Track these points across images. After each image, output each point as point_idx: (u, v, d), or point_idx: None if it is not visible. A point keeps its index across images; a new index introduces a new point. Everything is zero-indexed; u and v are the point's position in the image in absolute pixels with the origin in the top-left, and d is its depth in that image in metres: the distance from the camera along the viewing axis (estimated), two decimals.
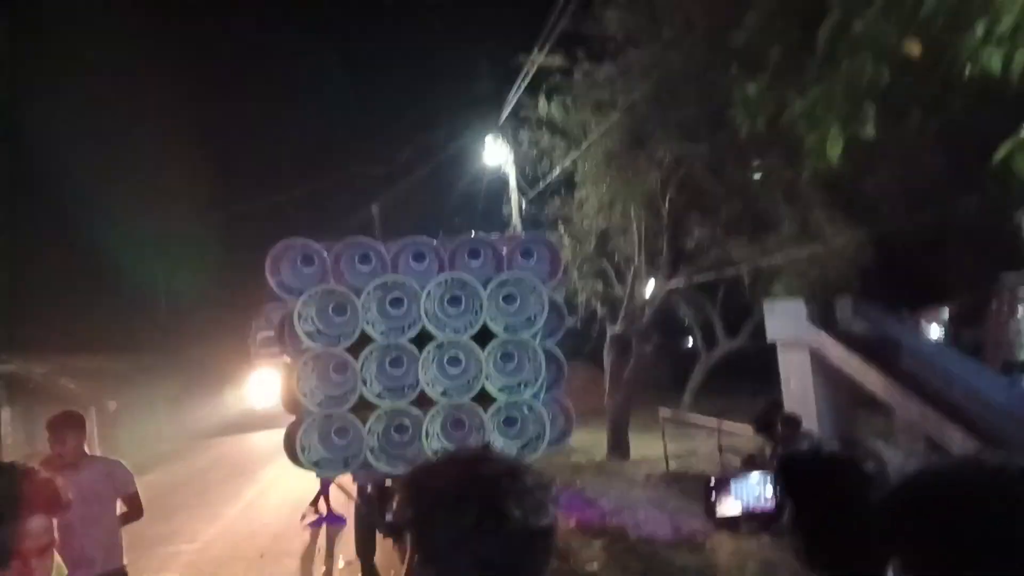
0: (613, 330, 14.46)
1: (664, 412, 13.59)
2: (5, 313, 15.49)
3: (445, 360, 5.29)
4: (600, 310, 14.94)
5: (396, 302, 5.28)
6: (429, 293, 5.13)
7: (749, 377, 16.92)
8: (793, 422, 7.14)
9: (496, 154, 14.78)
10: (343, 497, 10.15)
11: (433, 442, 5.12)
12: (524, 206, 14.73)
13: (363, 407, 5.17)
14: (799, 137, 5.06)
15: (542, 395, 5.53)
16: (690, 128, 10.81)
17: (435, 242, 5.58)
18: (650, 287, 14.46)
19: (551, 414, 5.83)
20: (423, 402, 5.21)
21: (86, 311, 17.16)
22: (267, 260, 5.32)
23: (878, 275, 15.25)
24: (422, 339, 5.19)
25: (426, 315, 5.12)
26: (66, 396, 17.38)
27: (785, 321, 11.30)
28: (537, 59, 11.36)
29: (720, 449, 10.82)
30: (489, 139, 14.53)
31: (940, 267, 14.81)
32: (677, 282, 13.77)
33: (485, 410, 5.16)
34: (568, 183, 13.30)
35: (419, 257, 5.53)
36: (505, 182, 15.06)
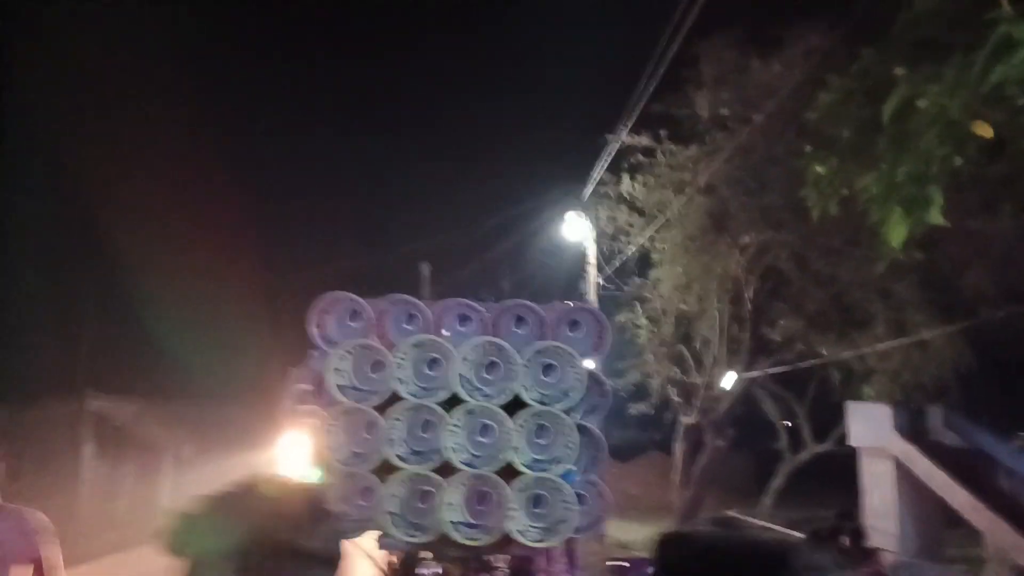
0: (686, 420, 13.93)
1: (732, 514, 12.86)
2: (96, 354, 16.32)
3: (475, 428, 5.15)
4: (675, 398, 14.45)
5: (433, 363, 5.20)
6: (465, 356, 5.04)
7: (839, 484, 15.92)
8: (858, 535, 6.55)
9: (576, 229, 14.78)
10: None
11: (452, 514, 4.93)
12: (601, 284, 14.59)
13: (386, 470, 5.07)
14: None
15: (576, 476, 5.30)
16: (775, 215, 10.53)
17: (479, 305, 5.54)
18: (729, 378, 13.92)
19: (585, 497, 5.58)
20: (450, 471, 5.06)
21: (166, 358, 17.84)
22: (310, 311, 5.38)
23: (984, 386, 14.20)
24: (454, 404, 5.08)
25: (459, 379, 5.02)
26: (147, 439, 17.91)
27: (869, 426, 10.58)
28: (619, 136, 11.41)
29: None
30: (570, 215, 14.57)
31: None
32: (757, 374, 13.20)
33: (510, 485, 4.95)
34: (647, 263, 13.14)
35: (464, 320, 5.49)
36: (584, 259, 15.00)
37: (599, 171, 12.67)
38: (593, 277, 14.89)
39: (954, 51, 3.72)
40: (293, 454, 5.20)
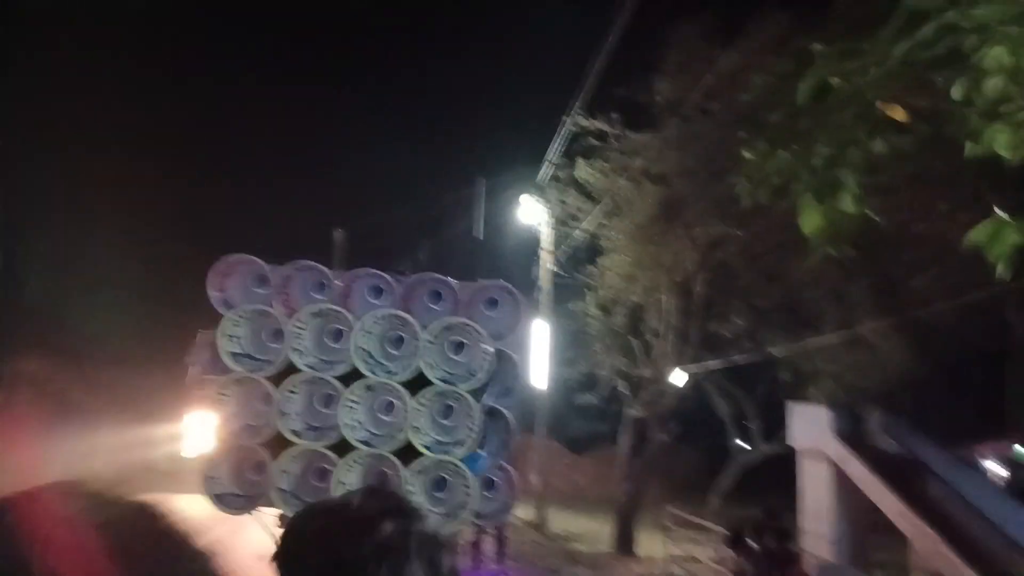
0: (632, 412, 13.84)
1: (672, 511, 12.81)
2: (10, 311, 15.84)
3: (376, 405, 4.95)
4: (622, 390, 14.36)
5: (337, 335, 4.98)
6: (364, 327, 4.82)
7: (788, 485, 15.94)
8: (782, 534, 6.48)
9: (531, 213, 14.61)
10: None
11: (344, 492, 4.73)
12: (554, 270, 14.45)
13: (282, 445, 4.85)
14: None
15: (483, 460, 5.13)
16: (727, 208, 10.41)
17: (393, 278, 5.33)
18: (678, 374, 13.85)
19: (491, 482, 5.40)
20: (348, 449, 4.85)
21: (82, 319, 17.14)
22: (211, 273, 5.12)
23: (935, 393, 14.28)
24: (355, 379, 4.87)
25: (358, 352, 4.81)
26: (58, 400, 16.87)
27: (808, 427, 10.55)
28: (572, 116, 11.23)
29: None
30: (525, 197, 14.40)
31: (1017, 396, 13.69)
32: (701, 369, 13.14)
33: (409, 466, 4.76)
34: (597, 251, 12.98)
35: (377, 292, 5.26)
36: (536, 243, 14.85)
37: (554, 153, 12.53)
38: (546, 262, 14.75)
39: (870, 28, 3.57)
40: (197, 432, 4.92)
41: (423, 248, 5.59)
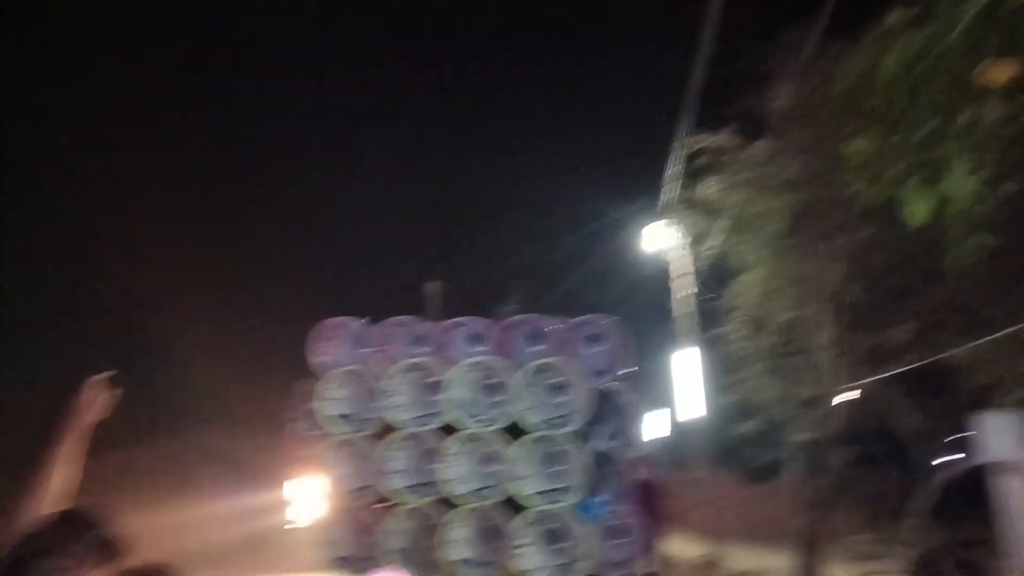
0: (799, 437, 12.90)
1: (857, 539, 11.73)
2: None
3: (478, 457, 4.82)
4: (785, 414, 13.44)
5: (433, 388, 4.92)
6: (457, 378, 4.74)
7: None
8: (969, 565, 5.69)
9: (656, 241, 14.16)
10: None
11: (458, 551, 4.61)
12: (689, 296, 13.88)
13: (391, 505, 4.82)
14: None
15: (599, 507, 4.86)
16: (870, 209, 9.54)
17: (487, 323, 5.23)
18: (846, 391, 12.80)
19: (616, 530, 5.10)
20: (455, 505, 4.75)
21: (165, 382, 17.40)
22: (311, 338, 5.24)
23: None
24: (454, 432, 4.78)
25: (452, 403, 4.72)
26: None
27: (998, 439, 9.27)
28: (682, 137, 10.81)
29: None
30: (651, 226, 13.98)
31: None
32: (870, 382, 12.02)
33: (517, 518, 4.57)
34: (731, 272, 12.31)
35: (474, 340, 5.18)
36: (668, 273, 14.35)
37: (672, 177, 12.10)
38: (681, 290, 14.20)
39: None
40: (302, 498, 4.96)
41: (520, 290, 5.49)
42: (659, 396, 19.76)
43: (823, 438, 12.86)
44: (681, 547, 15.63)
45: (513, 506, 4.62)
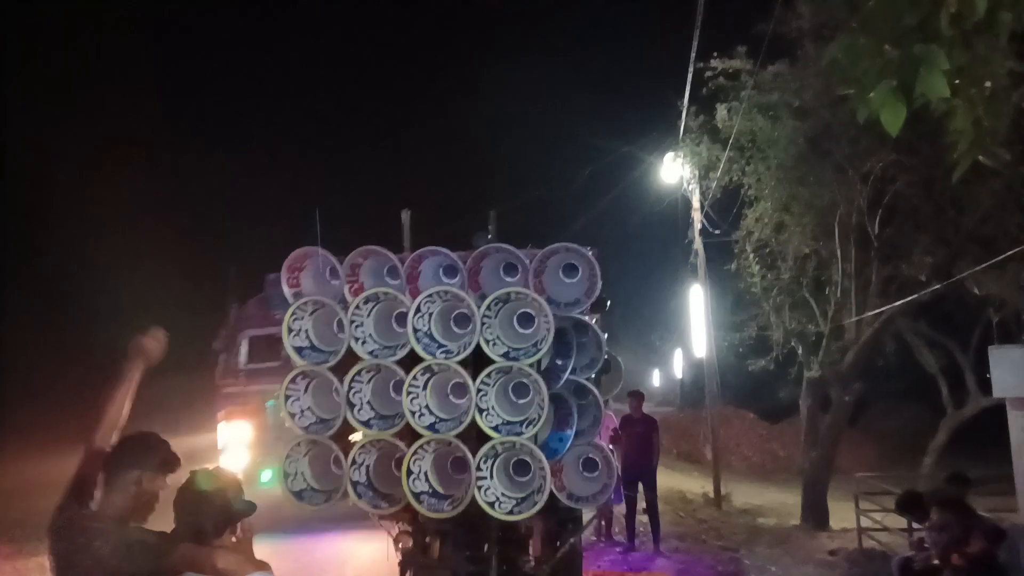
0: (810, 374, 12.70)
1: (865, 477, 11.59)
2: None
3: (442, 389, 4.71)
4: (798, 350, 13.22)
5: (401, 320, 4.79)
6: (419, 308, 4.60)
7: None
8: (954, 505, 5.55)
9: (673, 172, 13.76)
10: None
11: (417, 483, 4.54)
12: (704, 228, 13.55)
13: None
14: None
15: (567, 439, 4.75)
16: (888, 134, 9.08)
17: (461, 255, 5.06)
18: (861, 325, 12.51)
19: (589, 463, 5.00)
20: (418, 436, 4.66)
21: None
22: (283, 269, 5.12)
23: None
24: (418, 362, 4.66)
25: (415, 334, 4.59)
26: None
27: (1014, 373, 9.04)
28: (693, 62, 10.33)
29: (910, 528, 8.84)
30: (668, 156, 13.56)
31: None
32: (888, 314, 11.70)
33: (478, 451, 4.48)
34: (745, 203, 11.94)
35: (451, 272, 5.02)
36: (678, 205, 14.00)
37: (686, 105, 11.66)
38: (698, 223, 13.88)
39: None
40: (234, 444, 4.76)
41: (492, 219, 5.23)
42: (675, 333, 19.63)
43: (835, 373, 12.68)
44: (689, 482, 15.70)
45: (476, 438, 4.52)
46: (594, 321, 5.60)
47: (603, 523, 9.63)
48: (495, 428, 4.51)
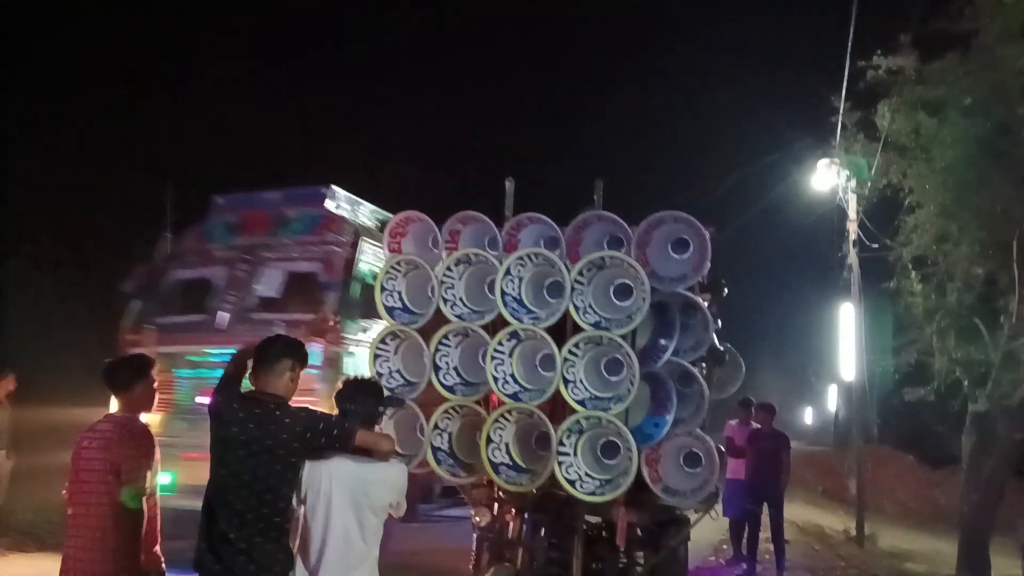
0: (975, 408, 11.37)
1: None
2: None
3: (536, 360, 4.48)
4: (963, 380, 11.90)
5: (494, 286, 4.60)
6: (509, 271, 4.41)
7: None
8: None
9: (828, 179, 12.81)
10: None
11: (497, 453, 4.34)
12: (861, 242, 12.49)
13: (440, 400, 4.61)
14: None
15: (664, 426, 4.38)
16: None
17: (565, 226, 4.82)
18: None
19: (692, 457, 4.60)
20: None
21: None
22: (386, 232, 5.11)
23: None
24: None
25: (504, 297, 4.40)
26: None
27: None
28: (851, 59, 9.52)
29: None
30: (822, 162, 12.65)
31: None
32: None
33: (560, 425, 4.21)
34: (914, 210, 10.86)
35: (553, 244, 4.81)
36: (833, 216, 12.99)
37: (842, 105, 10.82)
38: (853, 234, 12.84)
39: None
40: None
41: (598, 189, 4.89)
42: (831, 368, 18.31)
43: (1004, 408, 11.27)
44: (831, 519, 14.57)
45: (560, 412, 4.27)
46: (707, 304, 5.21)
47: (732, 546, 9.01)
48: (580, 402, 4.25)
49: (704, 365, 5.16)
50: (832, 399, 35.08)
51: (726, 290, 5.55)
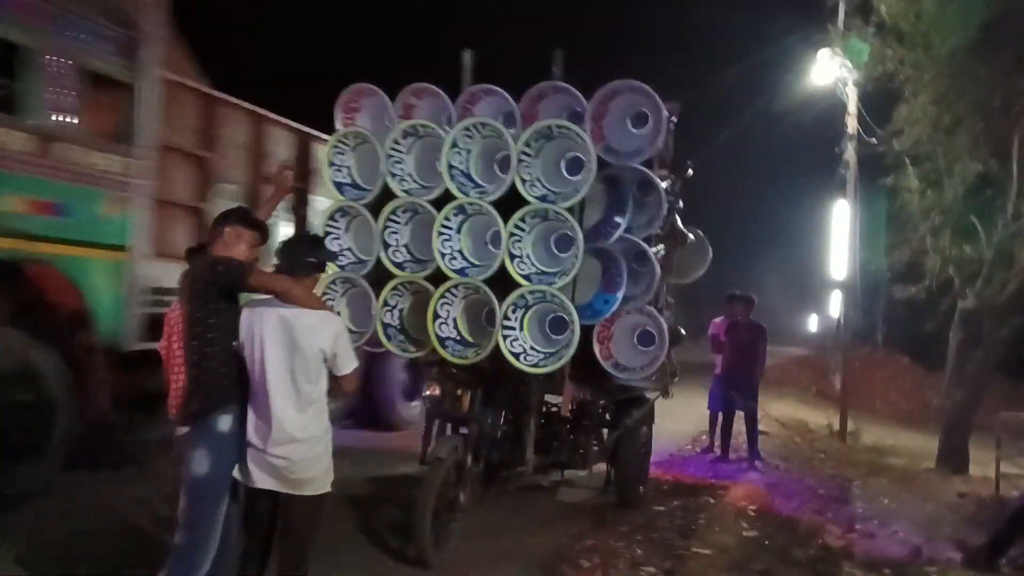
0: (963, 304, 11.32)
1: (1007, 417, 10.31)
2: None
3: (487, 237, 4.43)
4: (955, 278, 11.82)
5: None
6: (456, 144, 4.30)
7: None
8: None
9: (828, 71, 12.36)
10: None
11: (444, 327, 4.34)
12: (859, 136, 12.17)
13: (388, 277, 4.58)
14: None
15: (613, 301, 4.36)
16: None
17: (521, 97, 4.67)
18: None
19: (644, 336, 4.60)
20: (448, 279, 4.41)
21: None
22: (337, 106, 4.98)
23: None
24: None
25: (451, 171, 4.31)
26: None
27: None
28: None
29: None
30: (823, 52, 12.17)
31: None
32: None
33: (505, 298, 4.18)
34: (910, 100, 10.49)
35: (512, 121, 4.66)
36: (832, 107, 12.58)
37: None
38: (852, 128, 12.49)
39: None
40: None
41: (558, 59, 4.65)
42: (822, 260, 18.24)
43: (992, 305, 11.23)
44: (817, 415, 14.75)
45: (506, 286, 4.24)
46: (670, 183, 5.12)
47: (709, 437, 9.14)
48: (526, 277, 4.21)
49: (663, 246, 5.12)
50: (836, 306, 34.99)
51: (691, 171, 5.44)
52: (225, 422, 2.90)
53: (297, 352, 2.93)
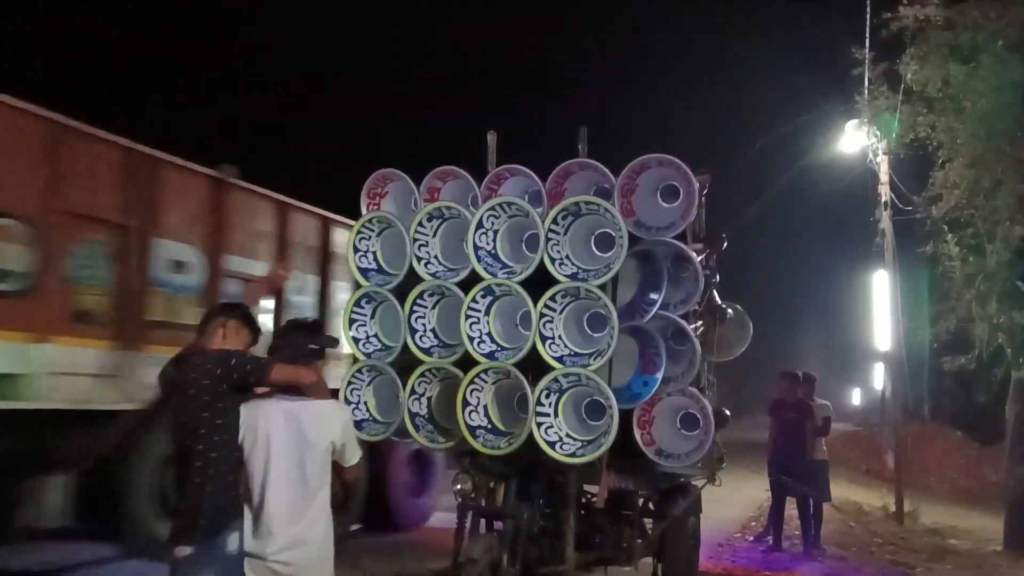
0: (1018, 375, 10.85)
1: None
2: None
3: (516, 319, 4.24)
4: (1008, 349, 11.37)
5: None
6: (482, 224, 4.18)
7: None
8: None
9: (855, 141, 12.27)
10: None
11: (474, 416, 4.12)
12: (893, 203, 11.96)
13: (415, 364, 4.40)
14: None
15: (653, 384, 4.12)
16: None
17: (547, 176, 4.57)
18: None
19: (689, 419, 4.34)
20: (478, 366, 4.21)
21: None
22: (364, 192, 4.91)
23: None
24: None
25: (477, 252, 4.17)
26: None
27: None
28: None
29: None
30: (851, 124, 12.10)
31: None
32: None
33: (537, 383, 3.96)
34: (945, 165, 10.32)
35: (538, 198, 4.56)
36: (864, 175, 12.42)
37: (867, 60, 10.30)
38: (885, 196, 12.29)
39: None
40: None
41: (582, 137, 4.58)
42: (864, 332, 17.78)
43: None
44: (870, 496, 14.09)
45: (538, 370, 4.02)
46: (704, 256, 4.93)
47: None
48: (559, 359, 4.00)
49: (702, 322, 4.90)
50: (879, 378, 34.12)
51: (726, 242, 5.26)
52: (233, 541, 2.69)
53: (307, 446, 2.79)
